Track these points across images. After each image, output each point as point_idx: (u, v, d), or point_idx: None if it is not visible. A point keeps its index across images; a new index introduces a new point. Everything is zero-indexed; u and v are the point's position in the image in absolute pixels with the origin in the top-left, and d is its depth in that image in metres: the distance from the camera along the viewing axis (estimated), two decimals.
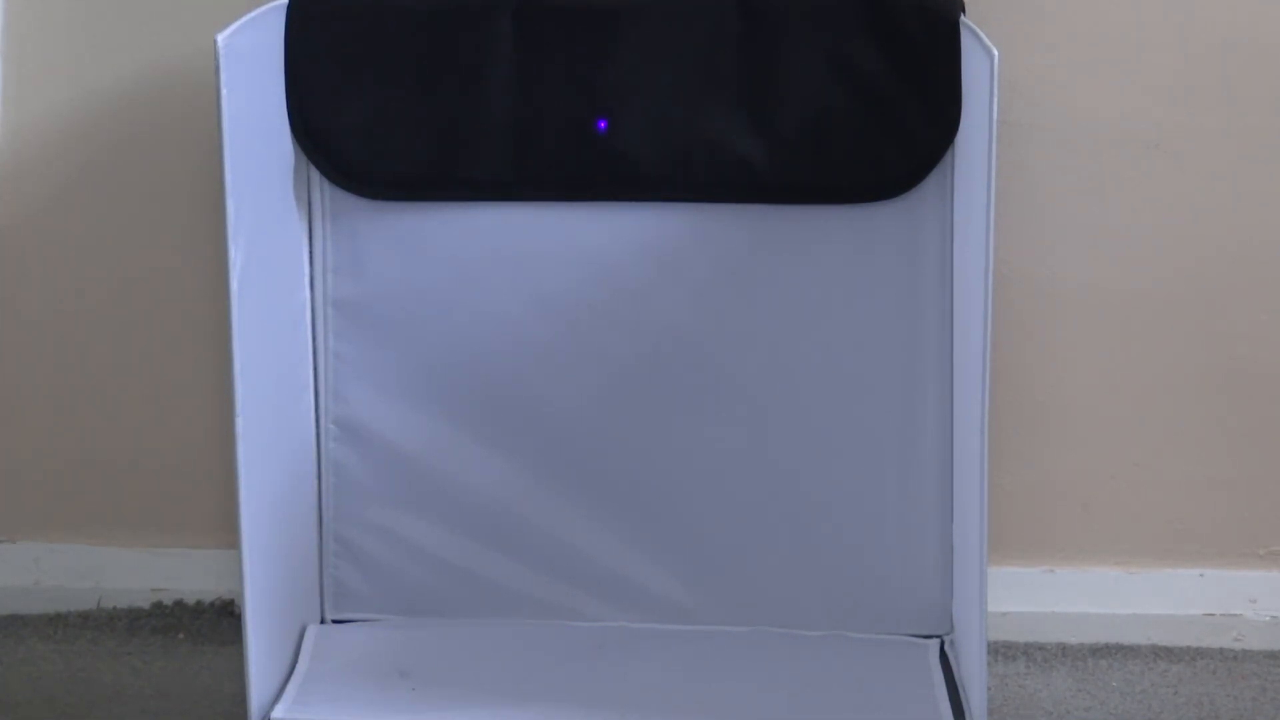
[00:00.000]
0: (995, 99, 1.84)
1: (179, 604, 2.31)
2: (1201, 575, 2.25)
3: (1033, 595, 2.25)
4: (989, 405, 1.88)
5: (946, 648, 2.13)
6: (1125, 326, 2.21)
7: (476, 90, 2.07)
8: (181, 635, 2.27)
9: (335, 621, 2.19)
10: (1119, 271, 2.20)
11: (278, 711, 2.00)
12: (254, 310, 1.93)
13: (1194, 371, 2.22)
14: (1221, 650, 2.24)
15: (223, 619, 2.29)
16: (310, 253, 2.13)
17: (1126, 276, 2.20)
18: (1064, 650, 2.23)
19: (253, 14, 1.96)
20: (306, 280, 2.13)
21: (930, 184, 2.07)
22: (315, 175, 2.11)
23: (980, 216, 1.88)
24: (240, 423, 1.89)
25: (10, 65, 2.23)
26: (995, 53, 1.84)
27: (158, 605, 2.31)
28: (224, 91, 1.85)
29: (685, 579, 2.17)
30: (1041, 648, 2.24)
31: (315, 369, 2.15)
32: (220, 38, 1.85)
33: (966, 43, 1.99)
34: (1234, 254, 2.19)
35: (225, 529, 2.07)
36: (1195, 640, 2.24)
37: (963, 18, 2.01)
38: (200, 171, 2.19)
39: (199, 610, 2.31)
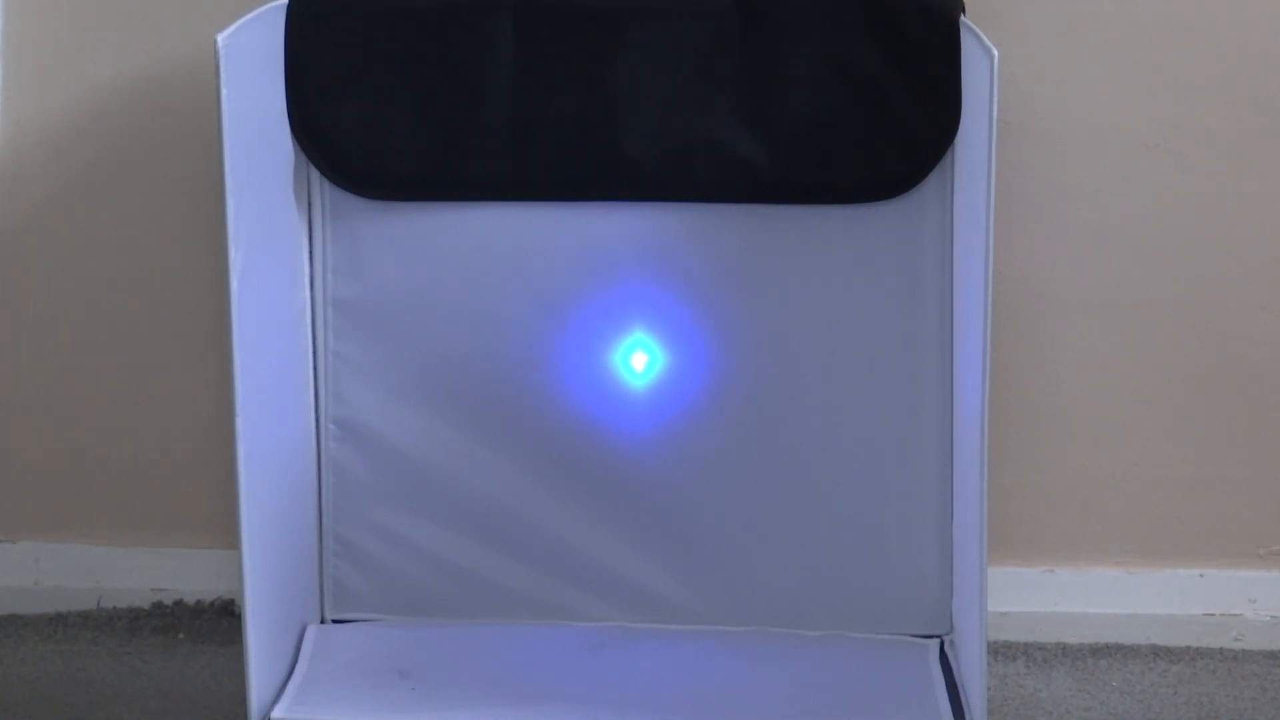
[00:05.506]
0: (995, 99, 1.84)
1: (179, 604, 2.31)
2: (1201, 575, 2.25)
3: (1033, 595, 2.25)
4: (989, 405, 1.88)
5: (946, 648, 2.13)
6: (1125, 326, 2.21)
7: (476, 90, 2.07)
8: (181, 635, 2.27)
9: (335, 621, 2.19)
10: (1118, 271, 2.20)
11: (278, 711, 2.00)
12: (254, 310, 1.93)
13: (1194, 371, 2.22)
14: (1221, 650, 2.24)
15: (223, 619, 2.29)
16: (310, 253, 2.13)
17: (1126, 277, 2.20)
18: (1064, 650, 2.23)
19: (253, 14, 1.96)
20: (306, 280, 2.13)
21: (930, 184, 2.07)
22: (315, 175, 2.11)
23: (980, 216, 1.88)
24: (240, 423, 1.89)
25: (10, 65, 2.23)
26: (995, 53, 1.84)
27: (158, 605, 2.31)
28: (224, 91, 1.85)
29: (685, 579, 2.17)
30: (1041, 648, 2.24)
31: (315, 369, 2.15)
32: (220, 38, 1.85)
33: (966, 42, 1.99)
34: (1234, 254, 2.19)
35: (225, 529, 2.07)
36: (1195, 640, 2.24)
37: (963, 17, 2.01)
38: (200, 171, 2.19)
39: (199, 610, 2.31)
